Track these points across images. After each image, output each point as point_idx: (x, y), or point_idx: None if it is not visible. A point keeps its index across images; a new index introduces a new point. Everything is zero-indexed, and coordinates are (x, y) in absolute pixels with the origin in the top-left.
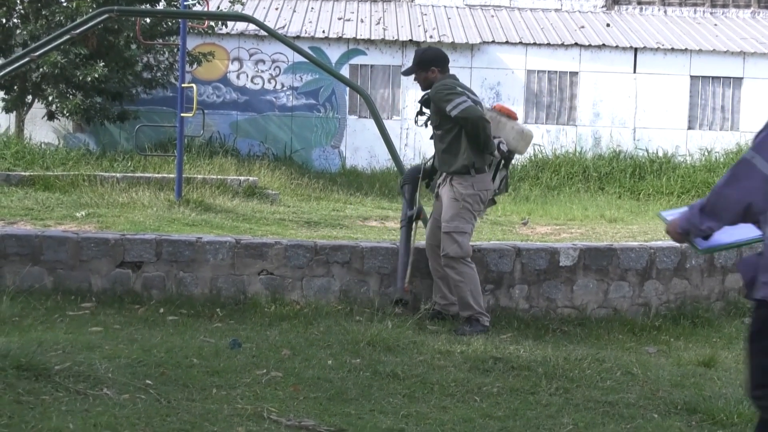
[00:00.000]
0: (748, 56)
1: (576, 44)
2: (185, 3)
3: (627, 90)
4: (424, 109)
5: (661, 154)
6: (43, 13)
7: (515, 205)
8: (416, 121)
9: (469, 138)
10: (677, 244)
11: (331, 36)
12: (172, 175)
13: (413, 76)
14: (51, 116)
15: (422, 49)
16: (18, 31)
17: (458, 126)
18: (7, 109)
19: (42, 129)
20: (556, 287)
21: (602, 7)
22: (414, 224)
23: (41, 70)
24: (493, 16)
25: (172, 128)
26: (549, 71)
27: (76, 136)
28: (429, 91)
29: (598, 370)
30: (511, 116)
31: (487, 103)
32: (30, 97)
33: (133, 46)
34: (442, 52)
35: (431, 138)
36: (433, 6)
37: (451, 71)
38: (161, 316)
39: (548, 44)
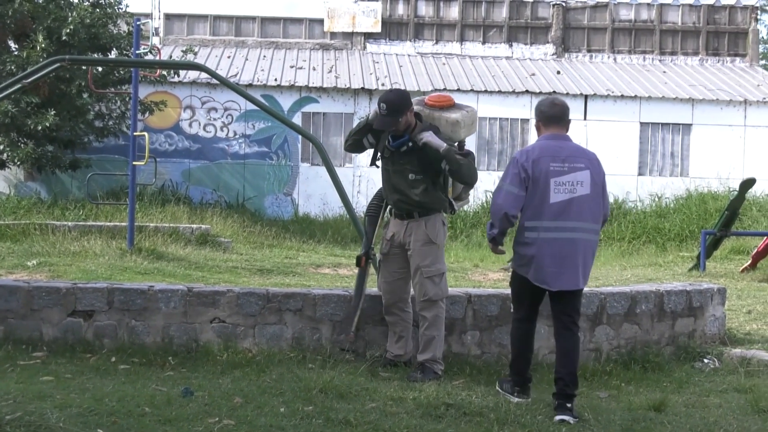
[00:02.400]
0: (697, 103)
1: (527, 91)
2: (137, 52)
3: (577, 137)
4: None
5: (611, 200)
6: None
7: (467, 252)
8: (382, 154)
9: (454, 179)
10: (628, 290)
11: (283, 84)
12: (124, 224)
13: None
14: (2, 165)
15: (393, 95)
16: None
17: (441, 173)
18: None
19: None
20: (508, 333)
21: (552, 54)
22: (367, 265)
23: None
24: (444, 64)
25: (124, 176)
26: (500, 118)
27: (27, 185)
28: (402, 136)
29: (550, 415)
30: (444, 105)
31: None
32: None
33: (85, 95)
34: (404, 91)
35: (389, 179)
36: (384, 54)
37: None
38: (113, 364)
39: (499, 92)
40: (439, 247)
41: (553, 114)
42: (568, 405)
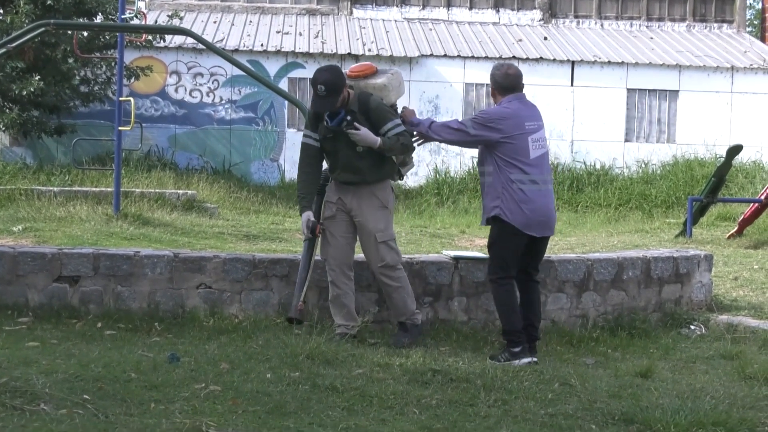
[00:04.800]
0: (684, 69)
1: (514, 57)
2: (123, 17)
3: (564, 103)
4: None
5: (598, 166)
6: None
7: (454, 218)
8: (325, 136)
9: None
10: (614, 256)
11: (269, 49)
12: (110, 189)
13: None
14: None
15: (329, 74)
16: None
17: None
18: None
19: None
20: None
21: (539, 20)
22: (317, 239)
23: None
24: (431, 30)
25: (109, 142)
26: (487, 84)
27: (12, 150)
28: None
29: (536, 381)
30: (367, 74)
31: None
32: None
33: (71, 60)
34: (338, 68)
35: (336, 157)
36: (371, 19)
37: None
38: (99, 330)
39: (486, 57)
40: (390, 212)
41: (508, 85)
42: (535, 348)
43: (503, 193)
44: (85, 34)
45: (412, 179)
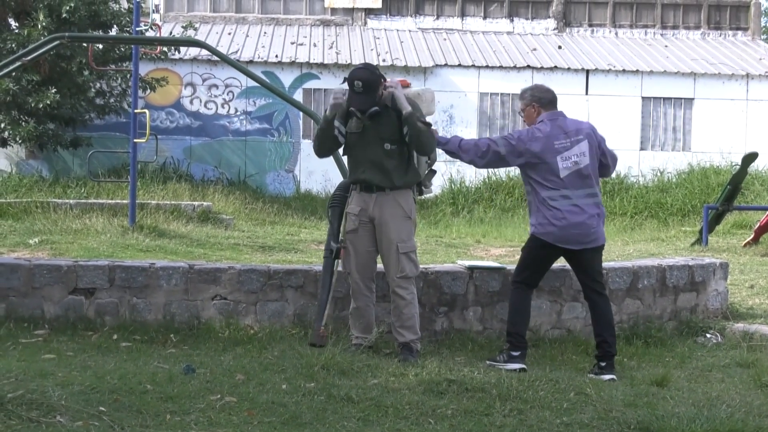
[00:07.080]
0: (699, 77)
1: (528, 66)
2: (137, 29)
3: (579, 111)
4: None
5: (613, 175)
6: None
7: (470, 227)
8: (352, 131)
9: (413, 144)
10: (630, 265)
11: (284, 60)
12: (125, 201)
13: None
14: (3, 143)
15: (365, 72)
16: None
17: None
18: None
19: None
20: None
21: (554, 29)
22: (336, 259)
23: None
24: (445, 39)
25: (125, 154)
26: (501, 93)
27: (28, 163)
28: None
29: (552, 390)
30: (403, 85)
31: (440, 127)
32: None
33: (86, 72)
34: (373, 65)
35: (362, 153)
36: (385, 30)
37: None
38: (114, 342)
39: (500, 67)
40: (414, 223)
41: (551, 98)
42: (613, 365)
43: (538, 211)
44: (100, 46)
45: None
